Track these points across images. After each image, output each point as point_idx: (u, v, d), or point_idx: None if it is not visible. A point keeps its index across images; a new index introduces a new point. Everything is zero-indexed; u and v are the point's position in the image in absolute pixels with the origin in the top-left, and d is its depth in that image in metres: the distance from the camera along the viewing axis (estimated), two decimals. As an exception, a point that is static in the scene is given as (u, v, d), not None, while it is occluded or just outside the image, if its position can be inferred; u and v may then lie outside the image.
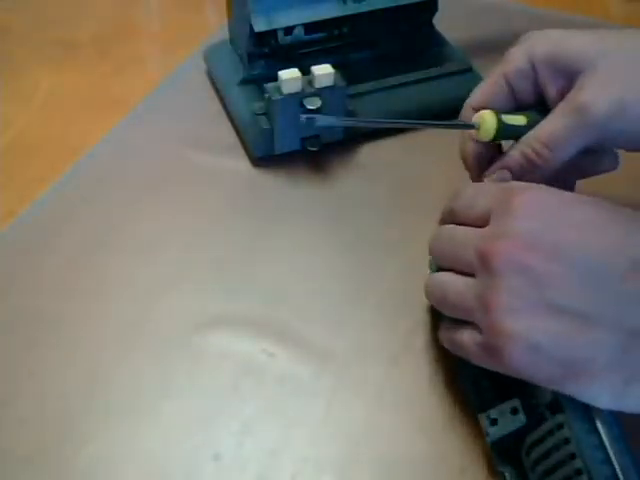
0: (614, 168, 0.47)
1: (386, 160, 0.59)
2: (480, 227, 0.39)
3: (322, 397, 0.44)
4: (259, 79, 0.58)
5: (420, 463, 0.41)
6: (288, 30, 0.58)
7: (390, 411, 0.43)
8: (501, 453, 0.39)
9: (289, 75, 0.53)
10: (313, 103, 0.54)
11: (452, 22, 0.66)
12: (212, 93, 0.64)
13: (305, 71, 0.54)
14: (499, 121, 0.44)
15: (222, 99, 0.63)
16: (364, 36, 0.61)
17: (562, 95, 0.44)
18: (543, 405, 0.37)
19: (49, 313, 0.48)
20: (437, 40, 0.65)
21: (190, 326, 0.47)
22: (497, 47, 0.69)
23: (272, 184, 0.57)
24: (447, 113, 0.61)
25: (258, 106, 0.57)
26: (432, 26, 0.64)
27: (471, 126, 0.45)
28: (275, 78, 0.54)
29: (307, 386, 0.44)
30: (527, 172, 0.44)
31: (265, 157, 0.57)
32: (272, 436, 0.42)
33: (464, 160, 0.48)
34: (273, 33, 0.57)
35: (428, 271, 0.44)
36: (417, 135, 0.60)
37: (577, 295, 0.35)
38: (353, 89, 0.58)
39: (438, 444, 0.42)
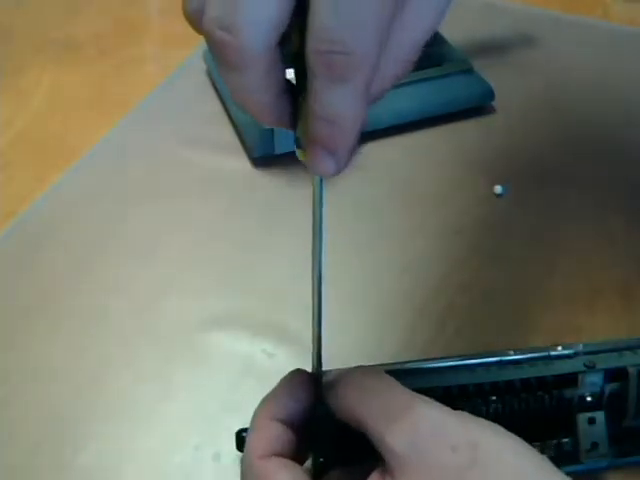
0: None
1: (386, 160, 0.59)
2: None
3: (322, 397, 0.44)
4: (259, 79, 0.58)
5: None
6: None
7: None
8: None
9: (289, 75, 0.53)
10: (313, 103, 0.54)
11: (452, 22, 0.66)
12: (212, 93, 0.64)
13: (305, 71, 0.53)
14: None
15: (222, 99, 0.63)
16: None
17: None
18: None
19: (49, 313, 0.48)
20: (437, 40, 0.65)
21: (190, 326, 0.47)
22: (497, 47, 0.69)
23: (272, 184, 0.57)
24: (447, 113, 0.61)
25: (258, 106, 0.56)
26: (432, 26, 0.64)
27: None
28: (275, 78, 0.53)
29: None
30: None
31: (265, 157, 0.57)
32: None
33: None
34: (273, 33, 0.57)
35: None
36: (417, 135, 0.60)
37: None
38: (353, 89, 0.58)
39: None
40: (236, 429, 0.40)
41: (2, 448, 0.42)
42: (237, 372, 0.45)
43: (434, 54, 0.63)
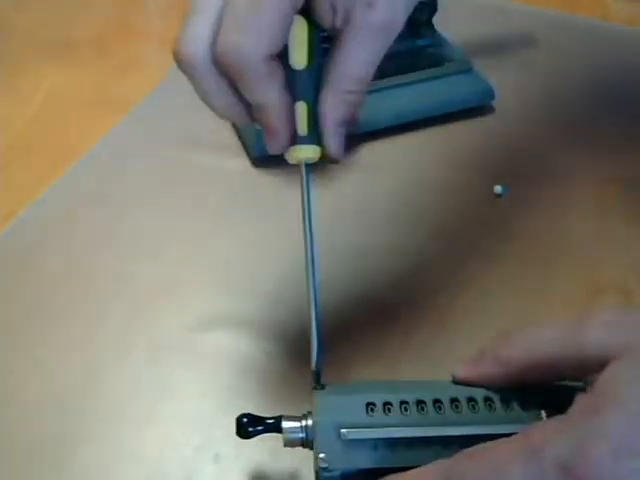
0: None
1: (386, 160, 0.59)
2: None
3: (322, 397, 0.44)
4: (259, 79, 0.58)
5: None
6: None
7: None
8: None
9: None
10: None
11: (452, 22, 0.66)
12: (212, 93, 0.64)
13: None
14: None
15: (222, 99, 0.63)
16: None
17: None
18: None
19: (49, 313, 0.48)
20: (437, 40, 0.65)
21: (190, 326, 0.47)
22: (497, 47, 0.69)
23: (272, 184, 0.57)
24: (447, 113, 0.61)
25: (258, 106, 0.56)
26: (432, 26, 0.64)
27: None
28: (275, 78, 0.53)
29: (307, 386, 0.44)
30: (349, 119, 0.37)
31: (265, 157, 0.57)
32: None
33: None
34: (273, 33, 0.57)
35: None
36: (417, 135, 0.60)
37: None
38: (353, 89, 0.58)
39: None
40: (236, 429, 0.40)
41: (2, 448, 0.42)
42: (237, 372, 0.45)
43: (434, 54, 0.64)
